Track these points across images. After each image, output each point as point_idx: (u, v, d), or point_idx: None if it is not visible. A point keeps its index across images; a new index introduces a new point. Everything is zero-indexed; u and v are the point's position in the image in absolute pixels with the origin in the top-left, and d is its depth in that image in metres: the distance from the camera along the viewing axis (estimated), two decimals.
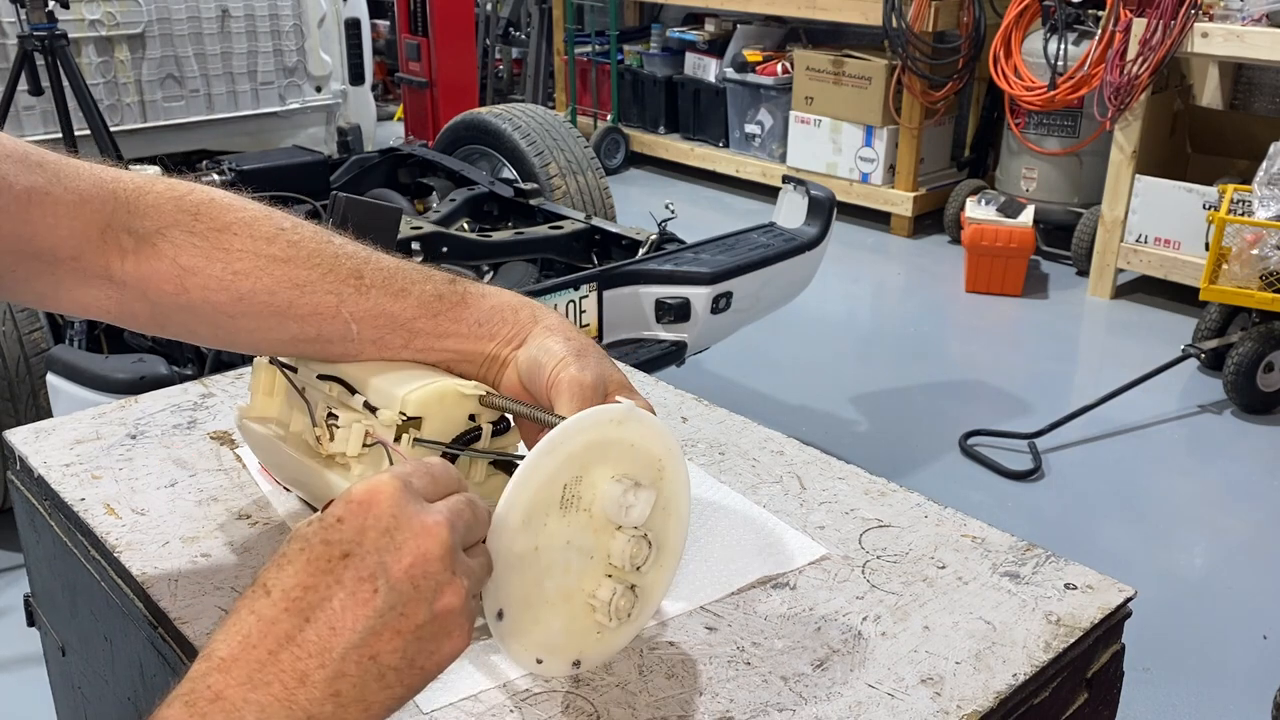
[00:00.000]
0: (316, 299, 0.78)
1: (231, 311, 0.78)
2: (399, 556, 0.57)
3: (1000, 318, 4.24)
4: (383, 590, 0.56)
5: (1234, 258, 3.41)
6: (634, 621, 0.76)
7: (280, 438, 0.88)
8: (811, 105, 5.24)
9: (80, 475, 0.99)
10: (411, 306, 0.80)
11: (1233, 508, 2.95)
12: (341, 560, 0.57)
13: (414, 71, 5.61)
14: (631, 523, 0.71)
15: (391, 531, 0.57)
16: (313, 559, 0.57)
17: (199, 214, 0.79)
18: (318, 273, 0.79)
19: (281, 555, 0.58)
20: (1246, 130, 4.42)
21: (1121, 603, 0.84)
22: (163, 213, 0.78)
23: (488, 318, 0.81)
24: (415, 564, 0.57)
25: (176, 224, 0.78)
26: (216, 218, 0.79)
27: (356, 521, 0.58)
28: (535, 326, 0.81)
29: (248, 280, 0.77)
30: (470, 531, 0.62)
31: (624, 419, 0.71)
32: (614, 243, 3.03)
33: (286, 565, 0.57)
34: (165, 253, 0.78)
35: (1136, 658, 0.89)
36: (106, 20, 3.54)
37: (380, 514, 0.58)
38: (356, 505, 0.58)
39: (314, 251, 0.79)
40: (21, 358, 2.55)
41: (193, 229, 0.78)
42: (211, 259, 0.78)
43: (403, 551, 0.57)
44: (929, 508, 0.97)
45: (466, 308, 0.81)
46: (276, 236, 0.79)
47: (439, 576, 0.58)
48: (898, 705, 0.73)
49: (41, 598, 1.18)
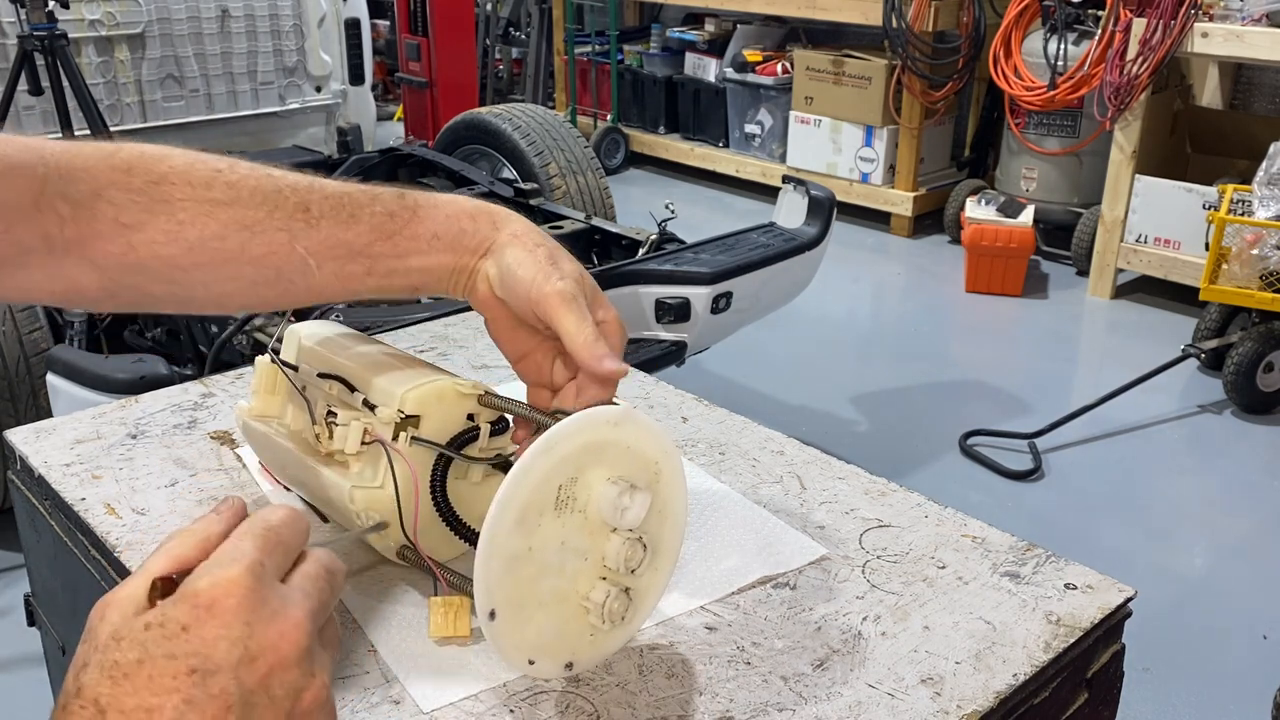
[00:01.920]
0: (268, 238, 0.76)
1: (184, 264, 0.76)
2: (253, 669, 0.50)
3: (1000, 318, 4.24)
4: (237, 708, 0.49)
5: (1234, 258, 3.41)
6: (628, 625, 0.76)
7: (280, 436, 0.88)
8: (811, 105, 5.24)
9: (80, 475, 0.99)
10: (365, 232, 0.78)
11: (1233, 508, 2.95)
12: (189, 676, 0.49)
13: (414, 71, 5.61)
14: (626, 525, 0.71)
15: (244, 641, 0.51)
16: (155, 675, 0.49)
17: (131, 169, 0.76)
18: (263, 211, 0.76)
19: (113, 664, 0.49)
20: (1246, 130, 4.42)
21: (1122, 603, 0.84)
22: (96, 174, 0.75)
23: (445, 229, 0.79)
24: (271, 673, 0.51)
25: (112, 183, 0.75)
26: (150, 169, 0.76)
27: (204, 631, 0.50)
28: (499, 234, 0.79)
29: (194, 228, 0.75)
30: (326, 601, 0.57)
31: (621, 420, 0.71)
32: (614, 243, 3.03)
33: (123, 680, 0.49)
34: (105, 214, 0.74)
35: (1136, 657, 0.89)
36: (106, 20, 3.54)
37: (230, 621, 0.51)
38: (204, 611, 0.51)
39: (255, 189, 0.77)
40: (21, 358, 2.55)
41: (129, 186, 0.75)
42: (153, 212, 0.75)
43: (257, 664, 0.51)
44: (929, 508, 0.97)
45: (421, 222, 0.79)
46: (214, 180, 0.76)
47: (297, 683, 0.52)
48: (897, 705, 0.73)
49: (42, 597, 1.18)
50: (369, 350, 0.88)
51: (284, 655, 0.51)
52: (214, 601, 0.51)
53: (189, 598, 0.51)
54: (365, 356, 0.86)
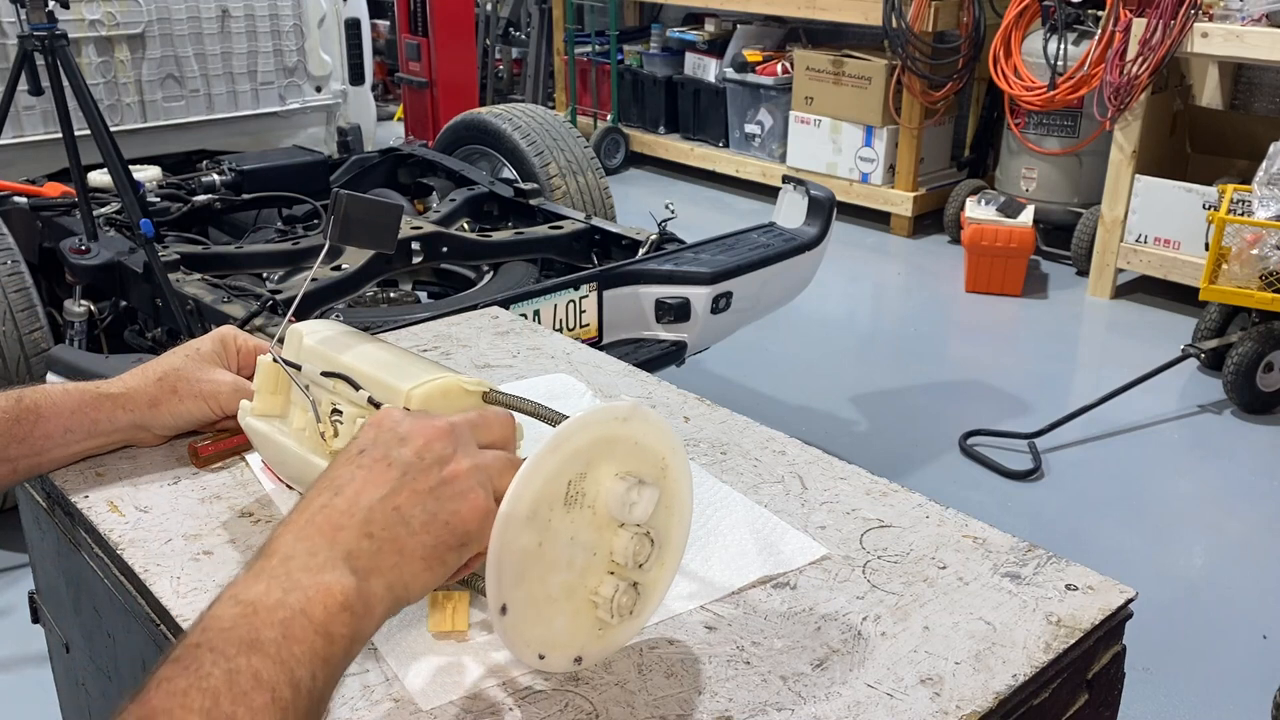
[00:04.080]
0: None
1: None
2: (408, 445, 0.70)
3: (1000, 318, 4.24)
4: (396, 465, 0.69)
5: (1234, 258, 3.41)
6: (636, 619, 0.76)
7: (283, 435, 0.89)
8: (811, 105, 5.24)
9: (84, 473, 1.00)
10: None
11: (1233, 508, 2.95)
12: (359, 455, 0.70)
13: (414, 71, 5.61)
14: (635, 520, 0.72)
15: (399, 432, 0.71)
16: (339, 460, 0.71)
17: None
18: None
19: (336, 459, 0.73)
20: (1246, 130, 4.42)
21: (1122, 604, 0.84)
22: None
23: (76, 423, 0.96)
24: (422, 446, 0.70)
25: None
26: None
27: (371, 432, 0.72)
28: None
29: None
30: (478, 429, 0.73)
31: (629, 416, 0.72)
32: (614, 243, 3.03)
33: (332, 467, 0.71)
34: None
35: (1137, 658, 0.89)
36: (106, 20, 3.54)
37: (392, 423, 0.72)
38: (373, 422, 0.73)
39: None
40: (21, 358, 2.55)
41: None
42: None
43: (409, 441, 0.70)
44: (930, 508, 0.97)
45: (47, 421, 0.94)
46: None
47: (442, 452, 0.70)
48: (897, 705, 0.73)
49: (46, 595, 1.18)
50: (373, 348, 0.88)
51: (430, 437, 0.70)
52: (380, 417, 0.73)
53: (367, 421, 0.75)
54: (369, 355, 0.87)
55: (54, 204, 3.11)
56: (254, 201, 3.41)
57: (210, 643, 0.59)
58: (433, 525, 0.67)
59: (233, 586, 0.63)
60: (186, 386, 0.97)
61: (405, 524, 0.67)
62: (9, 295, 2.56)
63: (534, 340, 1.35)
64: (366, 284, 2.80)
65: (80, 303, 2.78)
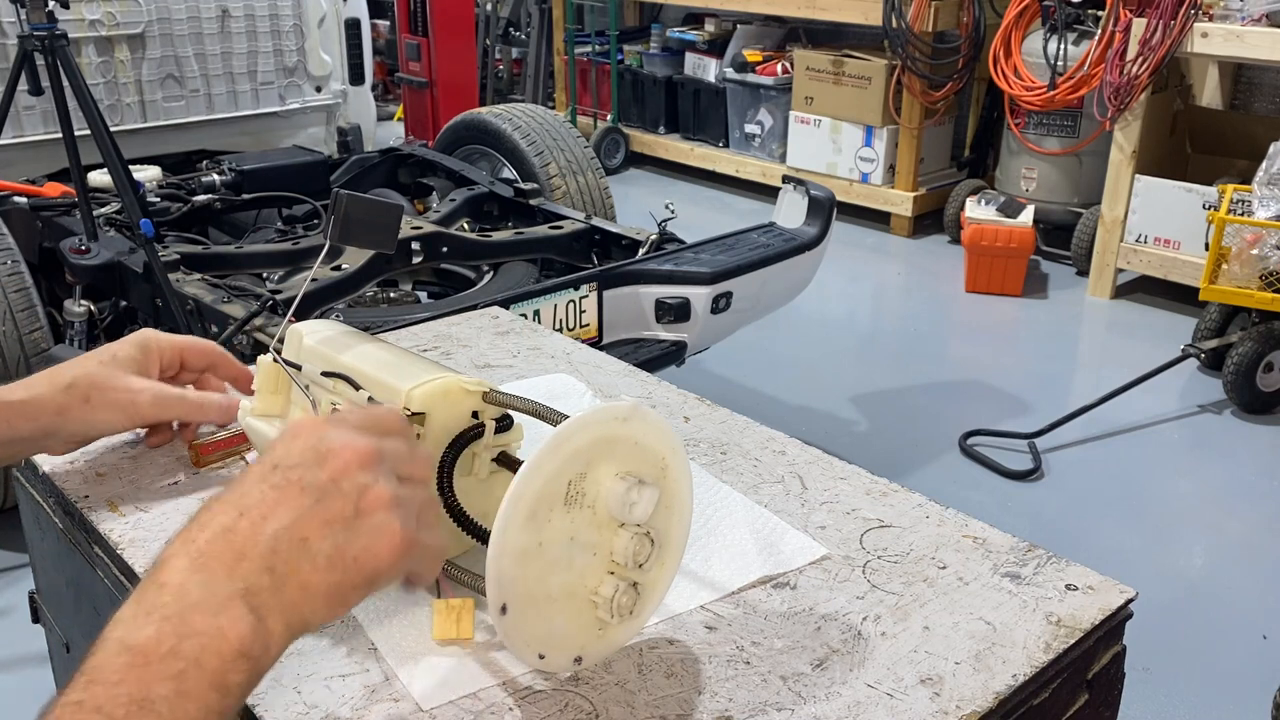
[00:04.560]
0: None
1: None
2: (324, 465, 0.64)
3: (1000, 318, 4.24)
4: (310, 491, 0.63)
5: (1234, 258, 3.41)
6: (636, 619, 0.76)
7: None
8: (811, 105, 5.24)
9: (84, 473, 1.00)
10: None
11: (1233, 508, 2.95)
12: (272, 470, 0.65)
13: (414, 71, 5.61)
14: (635, 520, 0.72)
15: (316, 447, 0.65)
16: (249, 474, 0.65)
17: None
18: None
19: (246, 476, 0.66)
20: (1246, 130, 4.42)
21: (1122, 604, 0.84)
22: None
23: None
24: (339, 469, 0.64)
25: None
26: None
27: (286, 445, 0.66)
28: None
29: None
30: (400, 461, 0.67)
31: (630, 416, 0.72)
32: (614, 243, 3.03)
33: (238, 481, 0.66)
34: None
35: (1137, 658, 0.89)
36: (106, 20, 3.54)
37: (308, 436, 0.66)
38: (288, 434, 0.67)
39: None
40: (21, 358, 2.55)
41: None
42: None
43: (326, 461, 0.64)
44: (930, 508, 0.97)
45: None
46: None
47: (361, 479, 0.64)
48: (897, 705, 0.73)
49: (46, 595, 1.18)
50: (373, 349, 0.88)
51: (348, 459, 0.64)
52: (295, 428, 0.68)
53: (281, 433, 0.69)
54: (369, 355, 0.87)
55: (54, 204, 3.11)
56: (254, 201, 3.41)
57: (95, 701, 0.54)
58: (339, 561, 0.62)
59: (119, 625, 0.58)
60: (100, 395, 0.92)
61: (310, 558, 0.62)
62: (9, 295, 2.56)
63: (534, 340, 1.35)
64: (366, 284, 2.80)
65: (80, 303, 2.78)
